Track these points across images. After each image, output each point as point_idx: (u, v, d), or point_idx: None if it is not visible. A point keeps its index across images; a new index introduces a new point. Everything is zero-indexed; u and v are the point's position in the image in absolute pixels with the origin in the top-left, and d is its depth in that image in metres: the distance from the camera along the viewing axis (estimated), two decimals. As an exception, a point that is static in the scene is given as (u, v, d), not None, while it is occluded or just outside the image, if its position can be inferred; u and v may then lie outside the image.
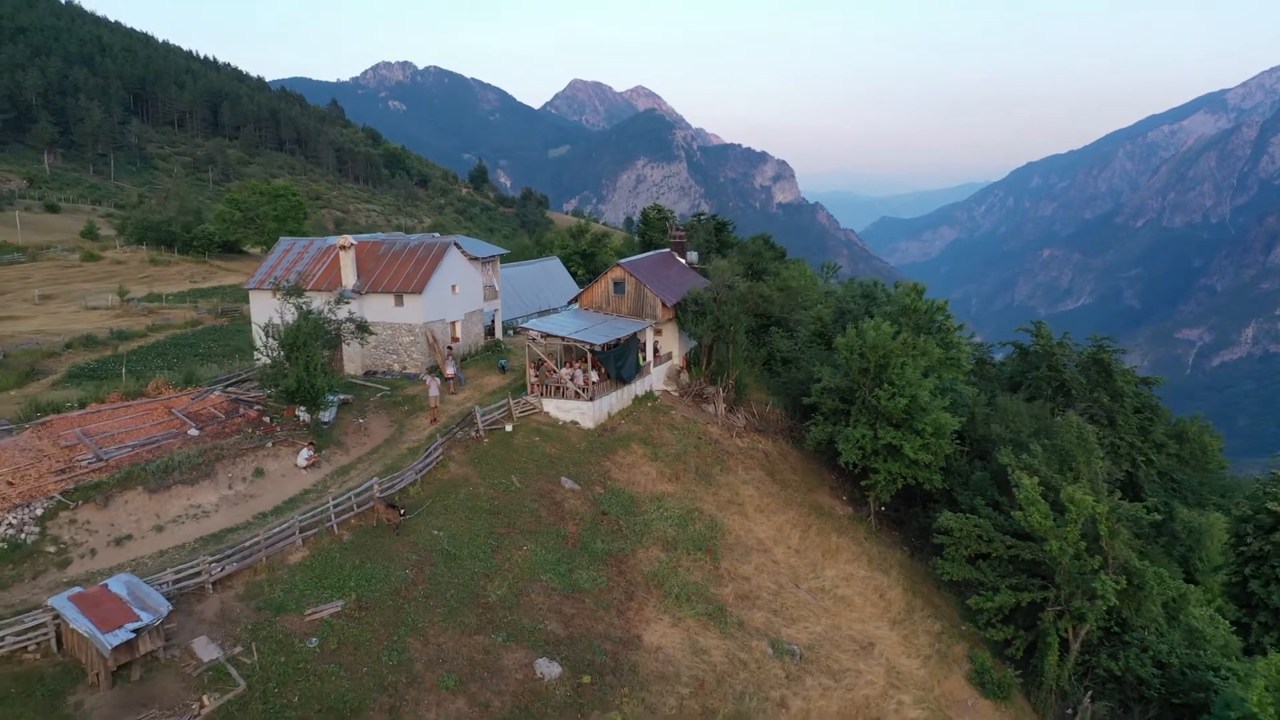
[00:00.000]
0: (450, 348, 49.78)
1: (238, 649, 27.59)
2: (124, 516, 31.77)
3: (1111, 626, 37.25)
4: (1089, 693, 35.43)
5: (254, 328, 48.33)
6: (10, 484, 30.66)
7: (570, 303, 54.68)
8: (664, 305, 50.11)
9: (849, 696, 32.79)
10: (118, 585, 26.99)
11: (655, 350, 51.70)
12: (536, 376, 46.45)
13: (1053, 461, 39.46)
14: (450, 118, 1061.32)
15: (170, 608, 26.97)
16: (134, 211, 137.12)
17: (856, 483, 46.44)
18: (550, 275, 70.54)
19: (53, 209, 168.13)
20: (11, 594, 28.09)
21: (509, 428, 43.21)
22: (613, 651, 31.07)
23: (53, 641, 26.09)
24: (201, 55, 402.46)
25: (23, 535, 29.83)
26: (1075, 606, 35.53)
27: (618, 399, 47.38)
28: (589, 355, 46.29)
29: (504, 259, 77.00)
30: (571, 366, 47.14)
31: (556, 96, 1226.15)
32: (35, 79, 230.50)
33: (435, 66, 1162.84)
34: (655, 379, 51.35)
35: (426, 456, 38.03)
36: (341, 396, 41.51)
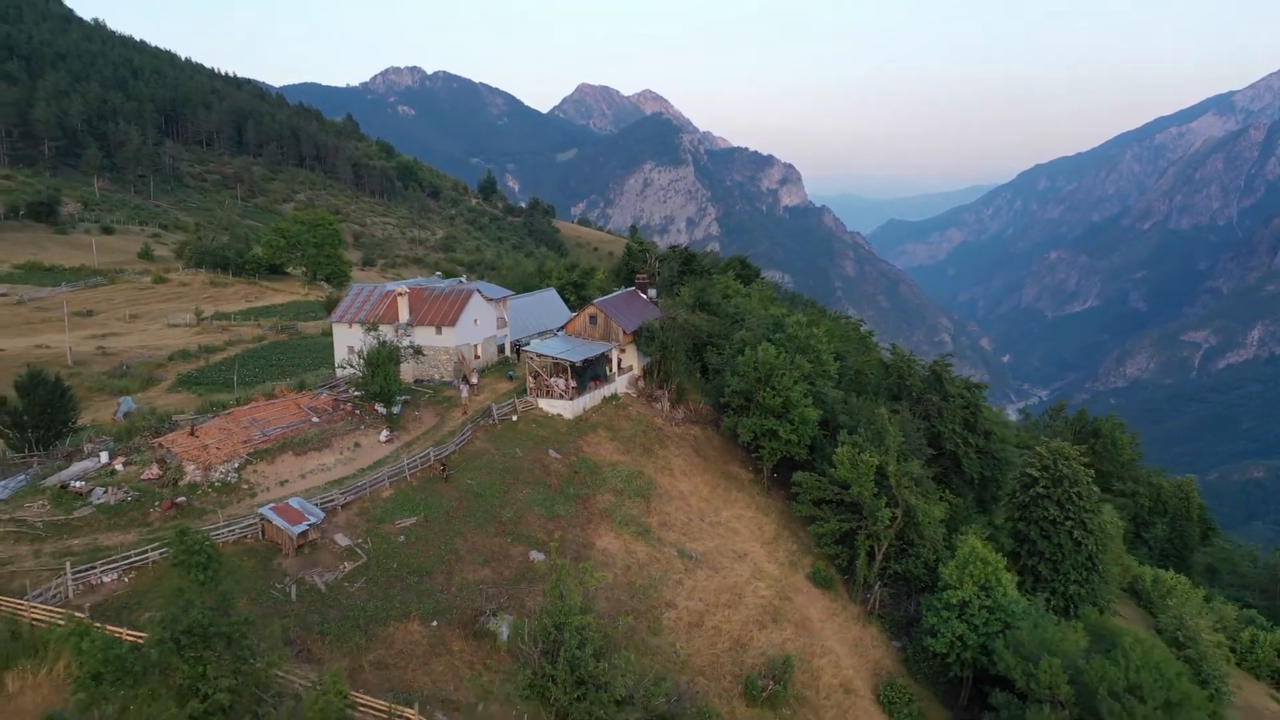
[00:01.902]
0: (461, 362, 71.24)
1: (359, 540, 49.21)
2: (283, 469, 53.47)
3: (904, 545, 58.41)
4: (879, 583, 56.71)
5: (336, 349, 70.14)
6: (219, 448, 52.36)
7: (559, 330, 76.04)
8: (625, 333, 71.54)
9: (723, 581, 54.20)
10: (294, 502, 48.69)
11: (619, 364, 73.13)
12: (534, 383, 67.96)
13: (874, 439, 60.54)
14: (459, 122, 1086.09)
15: (324, 515, 48.70)
16: (193, 239, 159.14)
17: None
18: (548, 304, 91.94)
19: (108, 231, 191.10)
20: (228, 510, 49.67)
21: (515, 418, 64.70)
22: (576, 550, 52.47)
23: (259, 532, 47.68)
24: (224, 73, 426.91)
25: (229, 478, 51.55)
26: (874, 530, 56.77)
27: (590, 399, 68.82)
28: (570, 368, 67.72)
29: (515, 289, 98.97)
30: (558, 376, 68.57)
31: (564, 100, 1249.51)
32: (78, 105, 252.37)
33: (444, 71, 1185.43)
34: (619, 385, 72.73)
35: (461, 436, 59.64)
36: (404, 397, 63.08)
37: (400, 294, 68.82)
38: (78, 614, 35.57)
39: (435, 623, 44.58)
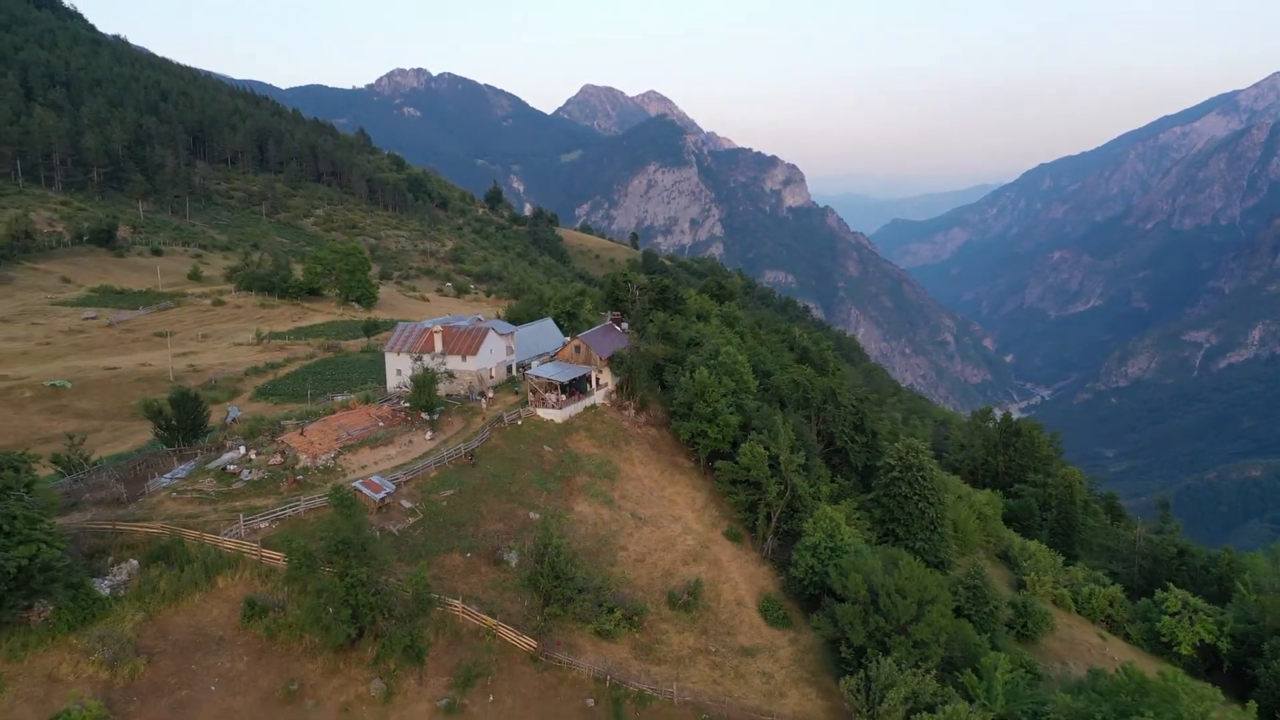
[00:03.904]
0: (480, 381, 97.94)
1: (417, 504, 76.04)
2: (363, 458, 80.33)
3: (791, 511, 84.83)
4: (773, 537, 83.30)
5: (388, 372, 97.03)
6: (320, 443, 79.24)
7: (553, 354, 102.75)
8: (601, 359, 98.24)
9: (662, 534, 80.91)
10: (376, 478, 75.63)
11: (597, 382, 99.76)
12: (533, 397, 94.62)
13: (772, 437, 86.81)
14: (464, 124, 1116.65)
15: (394, 488, 75.63)
16: (242, 265, 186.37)
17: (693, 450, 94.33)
18: (546, 331, 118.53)
19: (157, 253, 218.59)
20: (329, 483, 76.36)
21: (519, 423, 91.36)
22: (558, 511, 79.18)
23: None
24: (244, 89, 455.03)
25: (328, 463, 78.38)
26: (769, 501, 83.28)
27: (575, 408, 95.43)
28: (559, 386, 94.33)
29: (518, 317, 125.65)
30: (551, 392, 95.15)
31: (569, 101, 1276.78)
32: (119, 132, 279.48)
33: (449, 73, 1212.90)
34: (598, 397, 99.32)
35: (481, 435, 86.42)
36: (441, 408, 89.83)
37: (435, 331, 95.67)
38: (253, 542, 62.49)
39: (469, 555, 71.42)
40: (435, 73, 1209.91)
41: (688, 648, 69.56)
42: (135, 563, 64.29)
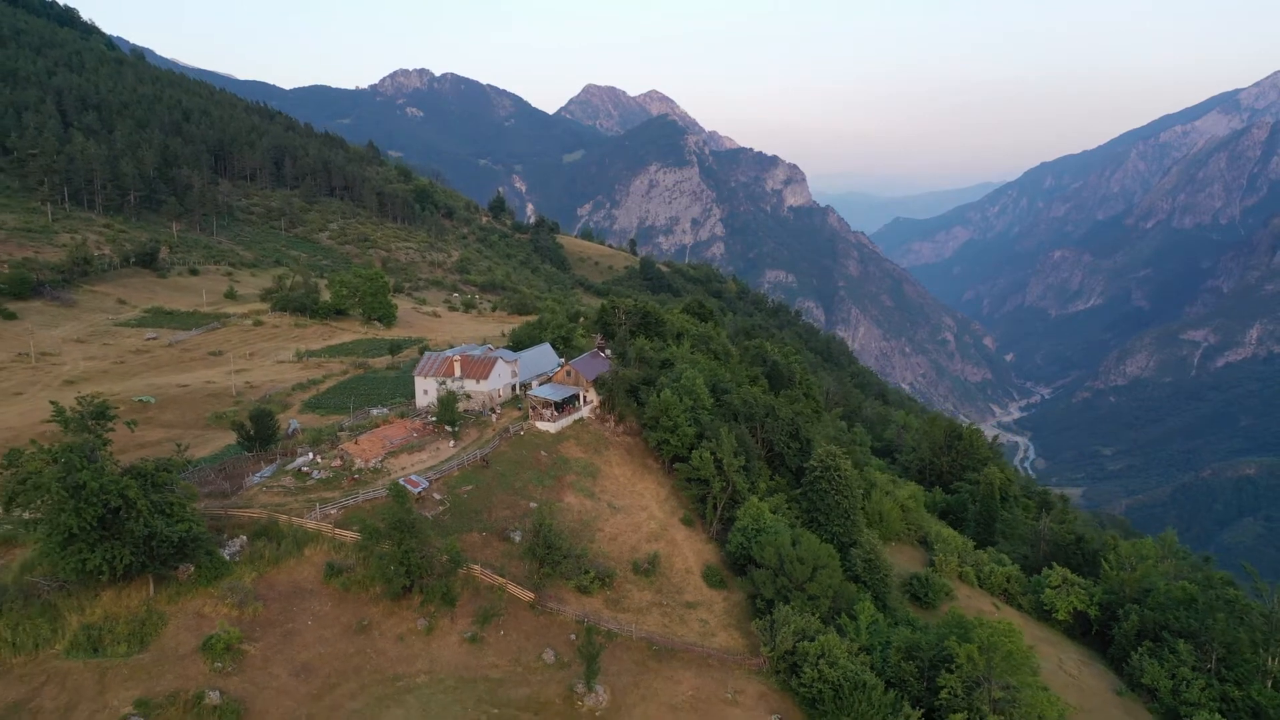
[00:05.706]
0: (490, 400, 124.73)
1: (445, 496, 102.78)
2: (403, 461, 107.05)
3: (733, 503, 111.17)
4: (718, 523, 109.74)
5: (417, 393, 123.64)
6: (370, 450, 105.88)
7: (550, 376, 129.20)
8: (587, 381, 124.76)
9: (631, 520, 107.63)
10: (414, 476, 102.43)
11: (584, 399, 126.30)
12: (533, 412, 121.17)
13: (721, 443, 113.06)
14: (466, 124, 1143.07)
15: (428, 484, 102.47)
16: (277, 288, 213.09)
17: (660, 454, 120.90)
18: (544, 354, 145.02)
19: (194, 272, 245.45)
20: (379, 481, 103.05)
21: (521, 433, 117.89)
22: (551, 502, 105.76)
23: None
24: (247, 89, 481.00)
25: (377, 466, 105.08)
26: (714, 494, 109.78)
27: (566, 421, 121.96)
28: (553, 404, 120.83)
29: (520, 341, 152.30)
30: (547, 408, 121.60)
31: (571, 101, 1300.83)
32: (148, 154, 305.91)
33: (452, 73, 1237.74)
34: (584, 412, 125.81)
35: (492, 443, 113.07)
36: (460, 422, 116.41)
37: (455, 360, 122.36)
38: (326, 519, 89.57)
39: (484, 533, 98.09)
40: (438, 73, 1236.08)
41: (646, 602, 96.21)
42: (244, 538, 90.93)
